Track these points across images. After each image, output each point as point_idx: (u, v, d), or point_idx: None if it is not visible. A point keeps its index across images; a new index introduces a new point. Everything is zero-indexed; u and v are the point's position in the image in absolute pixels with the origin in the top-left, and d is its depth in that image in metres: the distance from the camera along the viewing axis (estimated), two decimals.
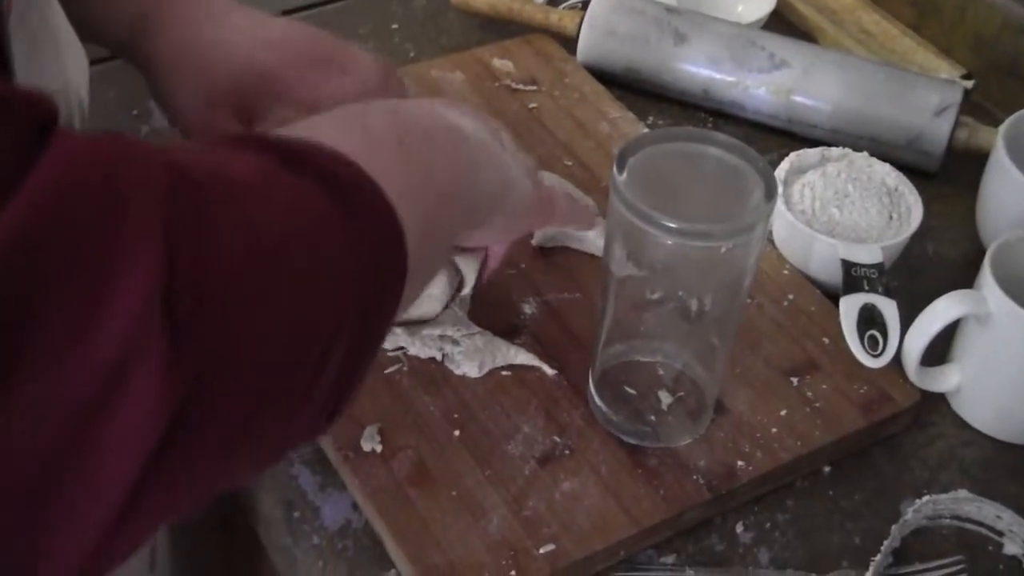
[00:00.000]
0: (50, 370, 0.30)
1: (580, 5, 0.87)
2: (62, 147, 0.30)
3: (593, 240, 0.68)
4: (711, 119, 0.83)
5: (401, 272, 0.40)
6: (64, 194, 0.30)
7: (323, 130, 0.41)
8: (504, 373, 0.61)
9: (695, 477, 0.58)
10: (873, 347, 0.62)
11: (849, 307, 0.64)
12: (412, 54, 0.86)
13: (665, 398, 0.60)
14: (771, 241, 0.71)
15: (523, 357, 0.62)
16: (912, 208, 0.70)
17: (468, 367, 0.61)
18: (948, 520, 0.60)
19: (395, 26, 0.89)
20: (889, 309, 0.64)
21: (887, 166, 0.72)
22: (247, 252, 0.34)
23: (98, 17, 0.62)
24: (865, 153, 0.72)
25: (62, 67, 0.46)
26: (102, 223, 0.30)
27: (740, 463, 0.59)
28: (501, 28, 0.88)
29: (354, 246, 0.38)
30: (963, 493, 0.60)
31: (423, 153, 0.44)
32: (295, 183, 0.37)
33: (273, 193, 0.36)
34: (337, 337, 0.37)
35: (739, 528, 0.58)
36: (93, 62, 0.63)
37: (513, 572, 0.53)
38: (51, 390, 0.30)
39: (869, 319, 0.63)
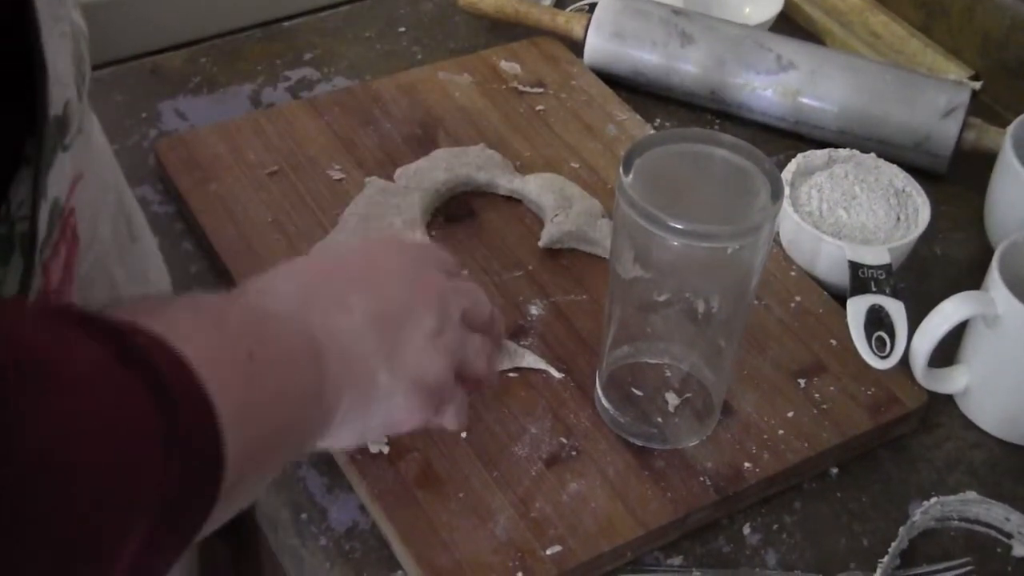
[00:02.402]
0: None
1: (587, 8, 0.87)
2: None
3: (600, 242, 0.68)
4: (718, 121, 0.83)
5: (214, 483, 0.37)
6: None
7: (180, 323, 0.38)
8: (511, 375, 0.62)
9: (702, 479, 0.58)
10: (881, 348, 0.62)
11: (856, 308, 0.64)
12: (419, 56, 0.86)
13: (672, 400, 0.60)
14: (778, 243, 0.71)
15: (530, 359, 0.62)
16: (920, 209, 0.70)
17: None
18: (956, 522, 0.60)
19: (402, 29, 0.89)
20: (897, 310, 0.63)
21: (894, 167, 0.71)
22: (53, 441, 0.32)
23: None
24: (873, 154, 0.72)
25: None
26: None
27: (747, 465, 0.59)
28: (508, 31, 0.88)
29: (165, 455, 0.35)
30: (971, 495, 0.60)
31: (273, 372, 0.41)
32: (124, 382, 0.35)
33: (99, 389, 0.34)
34: (124, 535, 0.34)
35: (746, 530, 0.58)
36: (99, 66, 0.64)
37: (520, 574, 0.53)
38: None
39: (877, 320, 0.63)
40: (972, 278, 0.65)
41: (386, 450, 0.57)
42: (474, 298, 0.51)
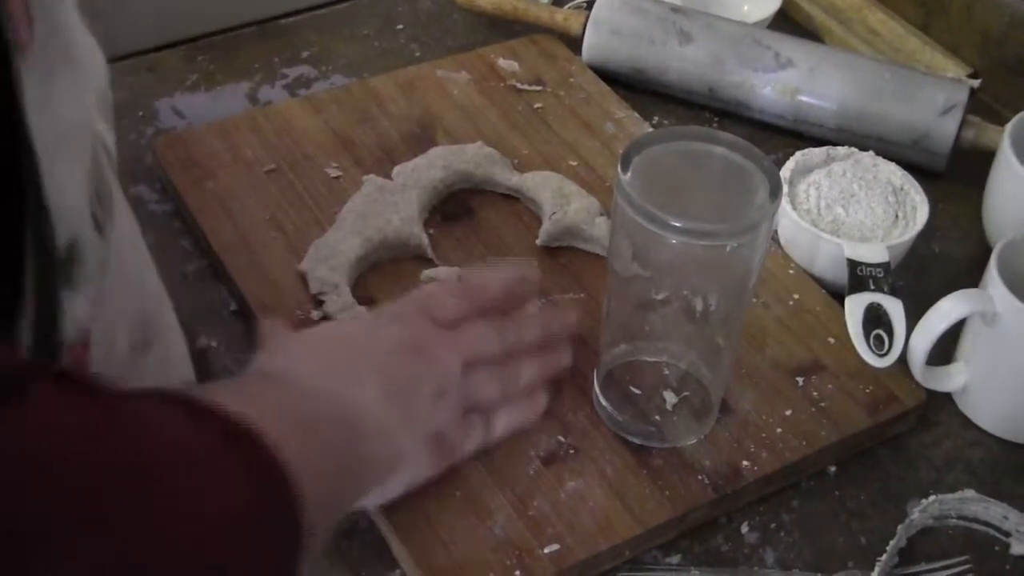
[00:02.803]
0: None
1: (585, 5, 0.87)
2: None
3: (598, 239, 0.68)
4: (716, 119, 0.83)
5: (299, 556, 0.39)
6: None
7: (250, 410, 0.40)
8: None
9: (700, 477, 0.58)
10: (879, 347, 0.62)
11: (854, 306, 0.63)
12: (417, 54, 0.86)
13: (670, 398, 0.60)
14: (776, 241, 0.71)
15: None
16: (918, 207, 0.70)
17: None
18: (954, 520, 0.60)
19: (400, 26, 0.89)
20: (895, 308, 0.63)
21: (893, 165, 0.71)
22: (184, 538, 0.34)
23: None
24: (871, 152, 0.72)
25: (83, 102, 0.44)
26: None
27: (745, 463, 0.58)
28: (506, 28, 0.88)
29: (272, 538, 0.38)
30: (969, 493, 0.60)
31: (328, 447, 0.45)
32: (234, 466, 0.37)
33: (214, 477, 0.37)
34: None
35: (744, 528, 0.58)
36: None
37: (518, 572, 0.53)
38: None
39: (875, 318, 0.63)
40: (970, 276, 0.65)
41: None
42: (475, 343, 0.54)
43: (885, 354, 0.62)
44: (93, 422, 0.34)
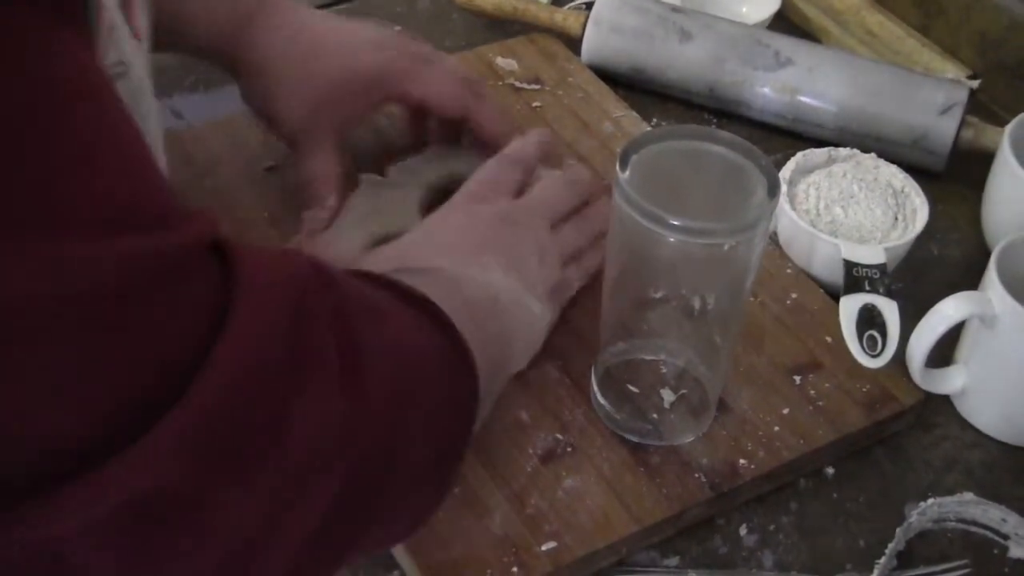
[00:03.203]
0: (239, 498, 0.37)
1: (584, 6, 0.87)
2: (247, 311, 0.37)
3: None
4: (716, 119, 0.83)
5: (475, 406, 0.50)
6: (254, 370, 0.37)
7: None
8: None
9: (697, 475, 0.58)
10: (872, 347, 0.62)
11: (849, 307, 0.63)
12: None
13: (668, 396, 0.60)
14: (775, 241, 0.71)
15: None
16: (918, 210, 0.69)
17: None
18: (953, 523, 0.59)
19: (399, 27, 0.89)
20: (889, 310, 0.63)
21: (894, 167, 0.71)
22: (394, 376, 0.43)
23: (191, 19, 0.65)
24: (873, 154, 0.72)
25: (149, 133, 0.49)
26: (286, 393, 0.38)
27: (742, 461, 0.58)
28: (505, 28, 0.88)
29: (457, 378, 0.49)
30: (968, 496, 0.59)
31: (484, 321, 0.53)
32: (416, 317, 0.47)
33: (404, 321, 0.46)
34: (449, 446, 0.49)
35: (743, 530, 0.58)
36: None
37: (515, 569, 0.53)
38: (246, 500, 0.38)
39: (869, 319, 0.63)
40: (969, 278, 0.65)
41: None
42: (551, 203, 0.63)
43: (877, 355, 0.62)
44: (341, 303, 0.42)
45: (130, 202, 0.34)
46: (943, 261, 0.74)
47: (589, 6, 0.84)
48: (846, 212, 0.69)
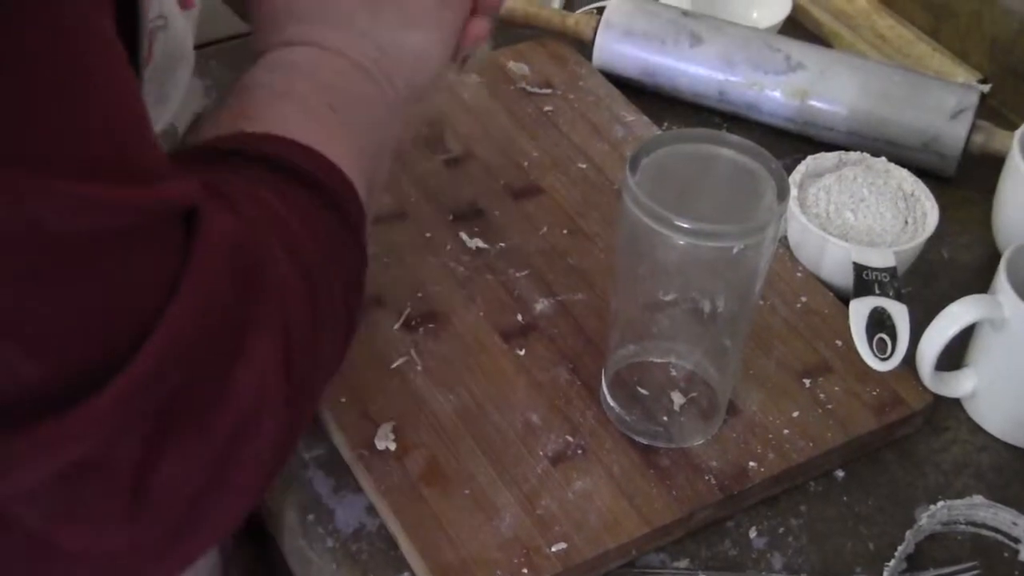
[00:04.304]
0: (201, 418, 0.38)
1: (595, 11, 0.87)
2: (205, 258, 0.38)
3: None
4: (726, 124, 0.83)
5: (362, 232, 0.49)
6: (208, 311, 0.38)
7: (290, 123, 0.47)
8: (517, 373, 0.62)
9: (707, 477, 0.58)
10: (881, 350, 0.62)
11: (859, 310, 0.63)
12: None
13: (677, 399, 0.60)
14: (785, 244, 0.71)
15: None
16: (928, 213, 0.69)
17: None
18: (963, 526, 0.59)
19: None
20: (899, 313, 0.63)
21: (905, 171, 0.71)
22: (306, 291, 0.43)
23: None
24: (883, 158, 0.72)
25: (173, 113, 0.51)
26: (237, 316, 0.39)
27: (752, 464, 0.58)
28: (516, 32, 0.88)
29: (345, 236, 0.47)
30: (978, 499, 0.59)
31: (352, 108, 0.50)
32: (306, 204, 0.46)
33: (302, 224, 0.45)
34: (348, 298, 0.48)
35: (752, 533, 0.58)
36: None
37: (525, 570, 0.53)
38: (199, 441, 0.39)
39: (879, 322, 0.63)
40: (980, 282, 0.65)
41: (393, 447, 0.57)
42: None
43: (887, 358, 0.62)
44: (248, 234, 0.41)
45: (112, 152, 0.35)
46: (953, 265, 0.74)
47: (600, 11, 0.85)
48: (856, 216, 0.69)
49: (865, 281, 0.65)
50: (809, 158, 0.72)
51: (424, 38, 0.53)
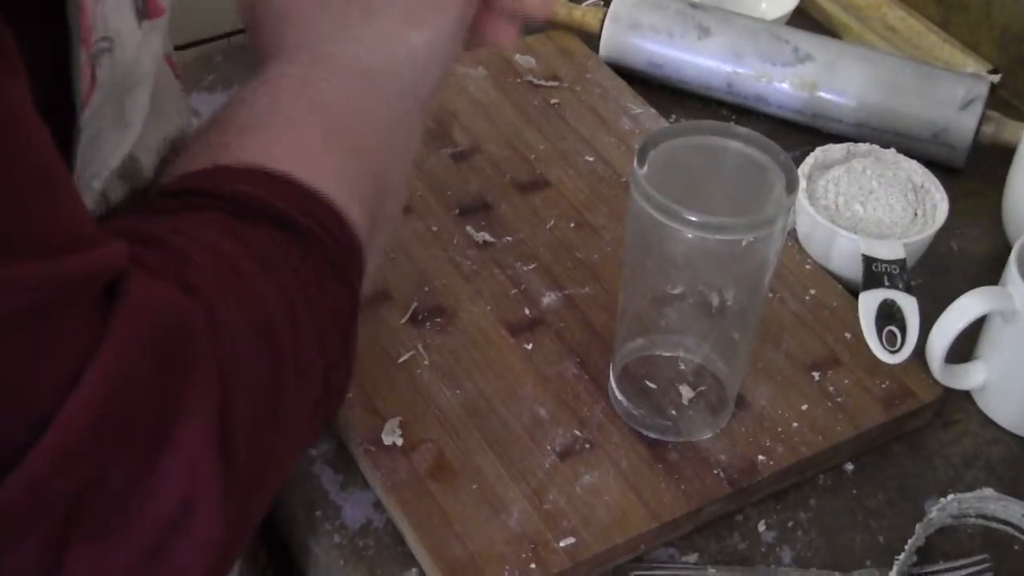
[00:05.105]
0: (116, 523, 0.34)
1: (602, 2, 0.87)
2: (122, 328, 0.33)
3: None
4: (734, 116, 0.82)
5: (352, 267, 0.44)
6: (123, 397, 0.33)
7: (274, 150, 0.43)
8: (525, 367, 0.61)
9: (716, 471, 0.58)
10: (891, 343, 0.62)
11: (868, 302, 0.63)
12: None
13: (686, 392, 0.60)
14: (794, 237, 0.70)
15: None
16: (938, 205, 0.69)
17: None
18: (973, 519, 0.59)
19: None
20: (909, 305, 0.63)
21: (914, 163, 0.71)
22: (265, 358, 0.39)
23: None
24: (892, 149, 0.72)
25: (137, 138, 0.46)
26: (161, 400, 0.34)
27: (761, 457, 0.58)
28: (523, 25, 0.88)
29: (327, 280, 0.42)
30: (988, 491, 0.59)
31: (353, 131, 0.46)
32: (277, 252, 0.41)
33: (267, 278, 0.40)
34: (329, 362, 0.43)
35: (761, 527, 0.58)
36: None
37: (533, 565, 0.53)
38: (122, 530, 0.34)
39: (888, 315, 0.63)
40: (990, 273, 0.65)
41: (400, 442, 0.57)
42: None
43: (897, 351, 0.61)
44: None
45: (11, 223, 0.31)
46: (963, 256, 0.73)
47: (607, 2, 0.84)
48: (865, 208, 0.69)
49: (874, 273, 0.64)
50: (818, 150, 0.72)
51: (429, 35, 0.49)
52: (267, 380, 0.38)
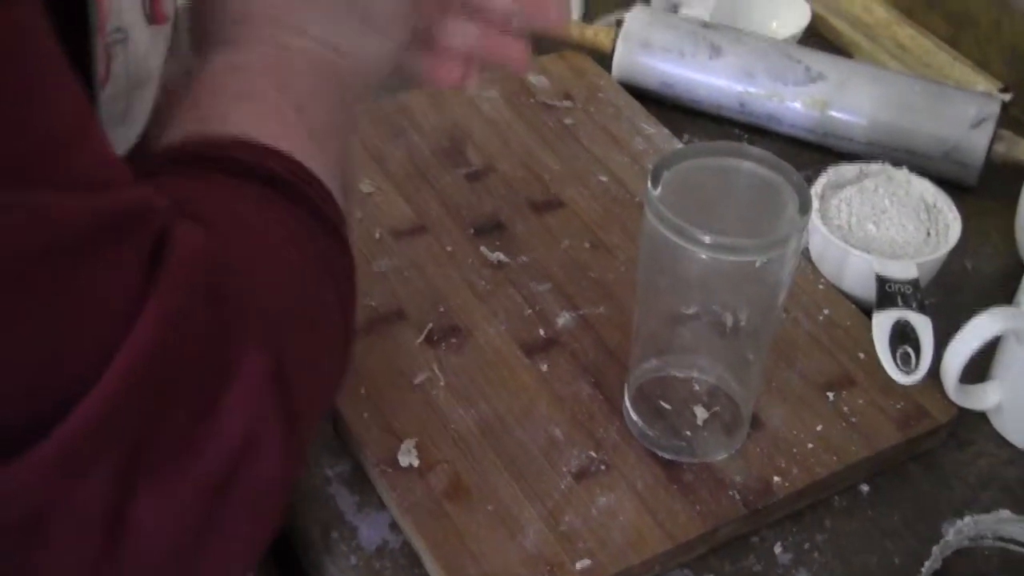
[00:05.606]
0: (178, 462, 0.34)
1: (614, 23, 0.87)
2: (172, 276, 0.34)
3: None
4: (746, 135, 0.83)
5: (347, 237, 0.44)
6: (181, 333, 0.34)
7: (257, 126, 0.43)
8: (540, 388, 0.62)
9: (731, 492, 0.57)
10: (905, 363, 0.61)
11: (882, 323, 0.63)
12: None
13: (700, 413, 0.60)
14: (807, 256, 0.71)
15: None
16: (951, 225, 0.69)
17: None
18: (990, 541, 0.59)
19: None
20: (923, 325, 0.63)
21: (926, 182, 0.71)
22: (294, 312, 0.39)
23: None
24: (904, 169, 0.72)
25: (138, 135, 0.47)
26: (218, 337, 0.35)
27: (776, 478, 0.58)
28: (536, 45, 0.88)
29: (330, 242, 0.43)
30: (1005, 513, 0.59)
31: (318, 104, 0.46)
32: (283, 212, 0.41)
33: (286, 234, 0.41)
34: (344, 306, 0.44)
35: (777, 548, 0.58)
36: None
37: None
38: (185, 470, 0.34)
39: (902, 335, 0.63)
40: (1004, 292, 0.65)
41: (416, 462, 0.58)
42: None
43: (912, 371, 0.61)
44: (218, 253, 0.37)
45: (56, 157, 0.32)
46: (976, 276, 0.73)
47: (619, 23, 0.85)
48: (878, 227, 0.69)
49: (888, 293, 0.64)
50: (830, 169, 0.72)
51: (381, 44, 0.50)
52: (302, 327, 0.39)
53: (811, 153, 0.81)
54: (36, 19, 0.32)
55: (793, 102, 0.80)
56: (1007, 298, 0.62)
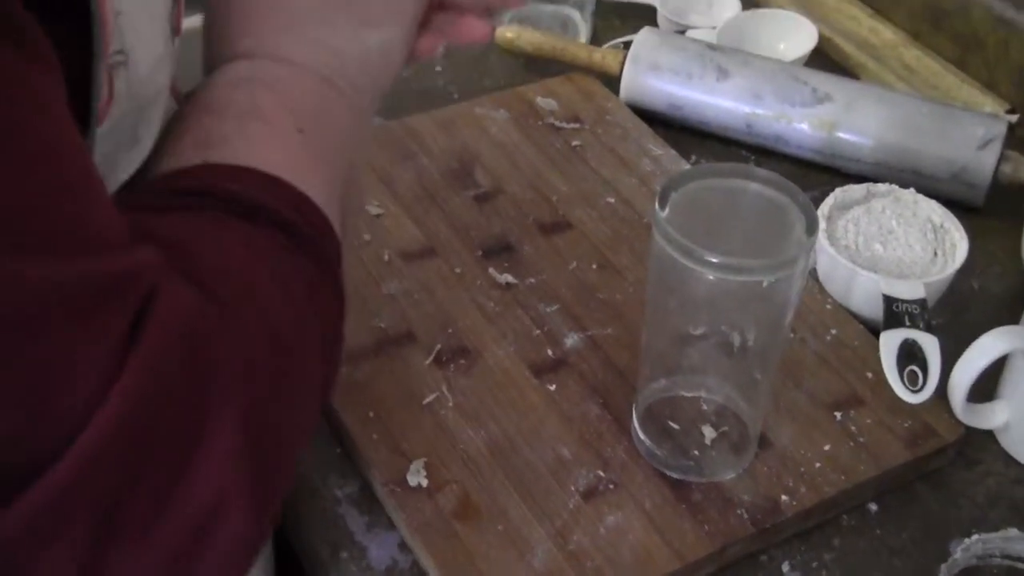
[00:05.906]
0: (151, 523, 0.34)
1: (623, 45, 0.88)
2: (154, 333, 0.34)
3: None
4: (753, 156, 0.83)
5: (339, 273, 0.44)
6: (156, 399, 0.34)
7: (258, 149, 0.43)
8: (548, 408, 0.62)
9: (739, 511, 0.58)
10: (913, 383, 0.62)
11: (889, 342, 0.63)
12: (456, 96, 0.87)
13: (708, 432, 0.60)
14: (814, 276, 0.71)
15: None
16: (957, 245, 0.69)
17: None
18: (998, 559, 0.59)
19: (438, 68, 0.90)
20: (930, 345, 0.63)
21: (933, 203, 0.71)
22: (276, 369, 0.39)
23: None
24: (912, 190, 0.72)
25: (132, 167, 0.46)
26: (192, 403, 0.35)
27: (784, 497, 0.58)
28: (544, 67, 0.89)
29: (322, 282, 0.43)
30: (1013, 532, 0.59)
31: (320, 128, 0.46)
32: (277, 253, 0.41)
33: (273, 281, 0.41)
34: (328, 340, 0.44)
35: (785, 567, 0.58)
36: None
37: None
38: (153, 541, 0.35)
39: (910, 354, 0.63)
40: (1010, 312, 0.65)
41: (425, 482, 0.58)
42: None
43: (919, 390, 0.62)
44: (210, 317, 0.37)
45: (51, 223, 0.32)
46: (983, 295, 0.74)
47: (627, 45, 0.85)
48: (885, 247, 0.69)
49: (895, 313, 0.65)
50: (838, 190, 0.72)
51: (385, 36, 0.49)
52: (284, 379, 0.39)
53: (818, 174, 0.81)
54: (37, 66, 0.33)
55: (800, 123, 0.80)
56: (1014, 317, 0.63)
